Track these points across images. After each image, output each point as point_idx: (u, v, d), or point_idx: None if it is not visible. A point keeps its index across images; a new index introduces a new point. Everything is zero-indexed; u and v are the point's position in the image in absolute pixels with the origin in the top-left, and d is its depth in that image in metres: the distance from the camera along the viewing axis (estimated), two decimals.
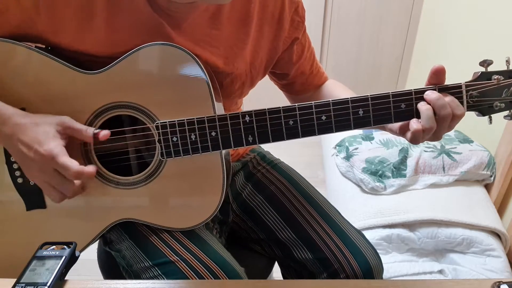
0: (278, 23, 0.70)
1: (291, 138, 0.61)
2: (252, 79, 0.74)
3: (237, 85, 0.72)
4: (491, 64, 0.57)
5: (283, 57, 0.75)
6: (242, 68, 0.70)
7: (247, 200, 0.83)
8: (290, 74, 0.79)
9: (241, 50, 0.69)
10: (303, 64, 0.78)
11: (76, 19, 0.59)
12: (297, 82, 0.81)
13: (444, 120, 0.57)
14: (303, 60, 0.78)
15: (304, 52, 0.78)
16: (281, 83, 0.84)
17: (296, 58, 0.76)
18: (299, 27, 0.74)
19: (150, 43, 0.59)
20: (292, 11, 0.71)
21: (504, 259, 1.20)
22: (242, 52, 0.69)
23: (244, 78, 0.72)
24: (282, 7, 0.70)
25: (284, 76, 0.80)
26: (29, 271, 0.50)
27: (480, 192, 1.36)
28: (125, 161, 0.67)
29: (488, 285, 0.51)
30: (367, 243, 0.76)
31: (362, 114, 0.59)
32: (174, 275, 0.64)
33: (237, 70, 0.69)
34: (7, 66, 0.61)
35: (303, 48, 0.77)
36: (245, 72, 0.71)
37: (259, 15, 0.69)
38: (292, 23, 0.72)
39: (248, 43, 0.69)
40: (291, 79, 0.80)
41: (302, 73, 0.80)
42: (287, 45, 0.74)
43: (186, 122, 0.60)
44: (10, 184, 0.64)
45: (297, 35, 0.74)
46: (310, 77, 0.81)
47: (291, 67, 0.78)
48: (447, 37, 1.75)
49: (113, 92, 0.61)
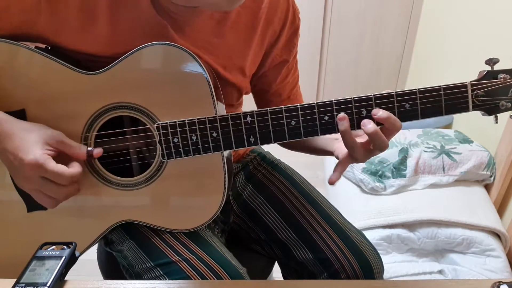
0: (276, 39, 0.72)
1: (293, 138, 0.60)
2: (248, 89, 0.76)
3: (235, 93, 0.73)
4: (497, 62, 0.56)
5: (267, 75, 0.76)
6: (240, 78, 0.71)
7: (247, 200, 0.83)
8: (269, 92, 0.79)
9: (241, 61, 0.70)
10: (283, 87, 0.79)
11: (78, 19, 0.59)
12: (272, 102, 0.81)
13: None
14: (284, 84, 0.79)
15: (287, 77, 0.78)
16: (258, 98, 0.83)
17: (279, 80, 0.77)
18: (292, 50, 0.75)
19: (151, 42, 0.59)
20: (291, 32, 0.73)
21: (504, 259, 1.20)
22: (241, 63, 0.70)
23: (242, 88, 0.73)
24: (283, 26, 0.71)
25: (263, 92, 0.80)
26: (29, 271, 0.50)
27: (480, 192, 1.36)
28: (126, 162, 0.67)
29: (488, 285, 0.51)
30: (367, 243, 0.76)
31: (365, 114, 0.58)
32: (176, 275, 0.64)
33: (235, 80, 0.70)
34: (6, 66, 0.60)
35: (288, 72, 0.78)
36: (243, 82, 0.72)
37: (263, 30, 0.69)
38: (288, 44, 0.73)
39: (249, 55, 0.70)
40: (268, 97, 0.81)
41: (279, 95, 0.80)
42: (275, 63, 0.75)
43: (187, 122, 0.60)
44: (11, 185, 0.63)
45: (287, 57, 0.75)
46: (285, 100, 0.81)
47: (271, 86, 0.78)
48: (447, 37, 1.75)
49: (114, 93, 0.61)
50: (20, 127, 0.57)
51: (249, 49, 0.69)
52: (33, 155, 0.54)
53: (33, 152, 0.54)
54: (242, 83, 0.72)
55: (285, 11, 0.70)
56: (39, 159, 0.54)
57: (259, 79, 0.77)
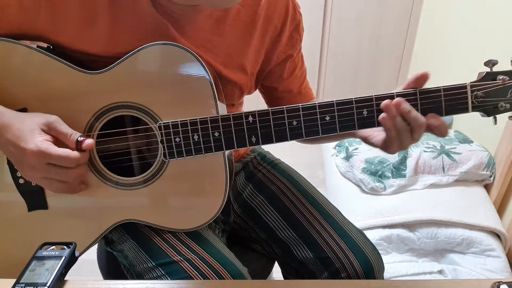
0: (278, 36, 0.71)
1: (294, 138, 0.60)
2: (250, 88, 0.75)
3: (236, 92, 0.73)
4: (496, 64, 0.57)
5: (274, 71, 0.76)
6: (241, 77, 0.71)
7: (248, 200, 0.83)
8: (278, 89, 0.79)
9: (241, 59, 0.70)
10: (292, 82, 0.79)
11: (78, 18, 0.59)
12: (285, 99, 0.81)
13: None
14: (293, 78, 0.79)
15: (295, 71, 0.78)
16: (269, 97, 0.84)
17: (286, 74, 0.77)
18: (296, 44, 0.75)
19: (153, 42, 0.59)
20: (293, 27, 0.73)
21: (503, 259, 1.20)
22: (242, 61, 0.70)
23: (244, 87, 0.73)
24: (284, 22, 0.71)
25: (273, 90, 0.80)
26: (29, 271, 0.50)
27: (480, 192, 1.36)
28: (128, 162, 0.67)
29: (488, 285, 0.51)
30: (368, 242, 0.76)
31: (366, 115, 0.58)
32: (178, 275, 0.64)
33: (236, 78, 0.70)
34: (8, 65, 0.60)
35: (295, 66, 0.78)
36: (245, 80, 0.72)
37: (263, 27, 0.69)
38: (290, 39, 0.73)
39: (249, 53, 0.70)
40: (279, 95, 0.81)
41: (290, 91, 0.80)
42: (280, 59, 0.75)
43: (189, 122, 0.60)
44: (12, 184, 0.63)
45: (291, 52, 0.75)
46: (297, 96, 0.81)
47: (280, 82, 0.78)
48: (447, 37, 1.75)
49: (115, 92, 0.61)
50: (15, 116, 0.57)
51: (249, 46, 0.69)
52: (33, 143, 0.54)
53: (33, 140, 0.54)
54: (244, 81, 0.72)
55: (284, 7, 0.70)
56: (40, 146, 0.54)
57: (266, 77, 0.77)
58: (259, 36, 0.70)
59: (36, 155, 0.54)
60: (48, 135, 0.56)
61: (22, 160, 0.55)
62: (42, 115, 0.58)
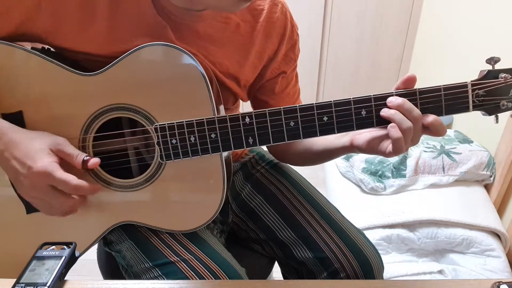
0: (275, 53, 0.72)
1: (292, 139, 0.60)
2: (243, 97, 0.76)
3: (231, 98, 0.74)
4: (498, 61, 0.55)
5: (266, 85, 0.76)
6: (235, 86, 0.71)
7: (246, 200, 0.83)
8: (269, 103, 0.79)
9: (236, 72, 0.70)
10: (283, 99, 0.78)
11: (77, 17, 0.59)
12: None
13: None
14: (284, 94, 0.78)
15: (287, 88, 0.78)
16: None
17: (278, 89, 0.77)
18: (290, 63, 0.75)
19: (149, 43, 0.59)
20: (289, 47, 0.73)
21: (504, 259, 1.20)
22: (237, 74, 0.70)
23: (237, 95, 0.73)
24: (281, 40, 0.72)
25: (264, 104, 0.79)
26: (29, 271, 0.50)
27: (480, 192, 1.36)
28: (125, 164, 0.67)
29: (488, 285, 0.51)
30: (367, 242, 0.76)
31: (364, 115, 0.58)
32: (174, 276, 0.64)
33: (231, 85, 0.70)
34: (4, 68, 0.60)
35: (287, 83, 0.78)
36: (238, 90, 0.73)
37: (262, 43, 0.70)
38: (285, 57, 0.74)
39: (245, 66, 0.70)
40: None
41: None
42: (273, 75, 0.75)
43: (185, 124, 0.60)
44: (10, 187, 0.63)
45: (285, 69, 0.75)
46: None
47: (271, 96, 0.78)
48: (447, 37, 1.75)
49: (111, 94, 0.61)
50: (24, 135, 0.57)
51: (246, 60, 0.70)
52: (41, 163, 0.54)
53: (41, 160, 0.55)
54: (237, 90, 0.73)
55: (283, 27, 0.71)
56: (47, 167, 0.54)
57: (258, 90, 0.77)
58: (257, 52, 0.70)
59: (41, 175, 0.54)
60: (56, 156, 0.57)
61: (24, 177, 0.56)
62: (50, 135, 0.59)
